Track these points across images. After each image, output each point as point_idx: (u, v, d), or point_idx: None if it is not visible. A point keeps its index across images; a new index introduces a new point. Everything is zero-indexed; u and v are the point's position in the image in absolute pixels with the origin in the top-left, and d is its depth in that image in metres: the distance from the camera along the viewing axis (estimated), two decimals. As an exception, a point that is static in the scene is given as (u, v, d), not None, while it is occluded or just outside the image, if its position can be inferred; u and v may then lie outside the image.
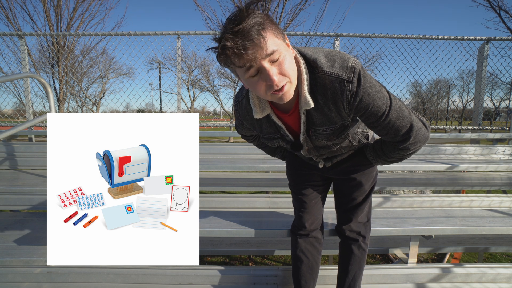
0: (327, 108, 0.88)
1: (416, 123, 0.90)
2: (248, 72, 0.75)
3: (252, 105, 0.94)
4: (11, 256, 1.55)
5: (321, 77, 0.82)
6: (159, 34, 3.08)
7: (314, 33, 3.29)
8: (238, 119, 1.09)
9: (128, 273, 1.53)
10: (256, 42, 0.69)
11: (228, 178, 2.51)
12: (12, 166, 2.86)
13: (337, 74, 0.81)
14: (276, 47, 0.73)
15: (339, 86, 0.81)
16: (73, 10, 9.02)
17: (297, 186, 1.34)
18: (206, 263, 2.95)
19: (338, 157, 1.19)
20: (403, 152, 0.98)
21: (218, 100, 15.81)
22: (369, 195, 1.27)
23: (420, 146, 0.96)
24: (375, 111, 0.85)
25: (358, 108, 0.85)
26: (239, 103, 1.03)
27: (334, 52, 0.84)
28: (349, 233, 1.31)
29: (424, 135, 0.93)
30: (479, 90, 3.21)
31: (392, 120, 0.87)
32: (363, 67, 0.82)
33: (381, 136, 0.98)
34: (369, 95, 0.82)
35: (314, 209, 1.33)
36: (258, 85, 0.77)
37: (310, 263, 1.34)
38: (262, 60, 0.72)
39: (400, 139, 0.93)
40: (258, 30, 0.69)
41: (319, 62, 0.82)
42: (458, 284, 1.52)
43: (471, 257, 3.15)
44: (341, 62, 0.81)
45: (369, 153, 1.15)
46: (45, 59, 9.19)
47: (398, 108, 0.87)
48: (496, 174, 2.57)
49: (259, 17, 0.70)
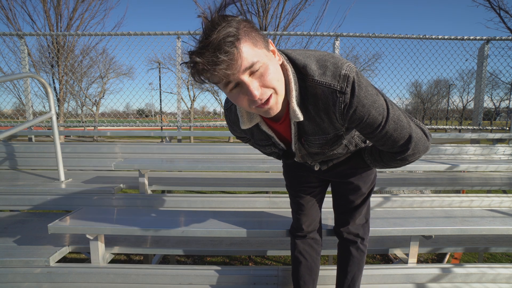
0: (319, 118, 0.81)
1: (415, 134, 0.84)
2: (227, 86, 0.68)
3: (239, 115, 0.87)
4: (11, 256, 1.56)
5: (312, 86, 0.75)
6: (159, 34, 3.08)
7: (314, 33, 3.29)
8: (229, 124, 1.04)
9: (128, 273, 1.53)
10: (229, 56, 0.61)
11: (228, 178, 2.51)
12: (12, 166, 2.86)
13: (329, 83, 0.73)
14: (255, 58, 0.65)
15: (331, 96, 0.74)
16: (73, 10, 9.03)
17: (293, 188, 1.31)
18: (206, 263, 2.94)
19: (334, 160, 1.14)
20: (401, 162, 0.94)
21: (218, 100, 15.78)
22: (367, 198, 1.24)
23: (419, 157, 0.91)
24: (371, 123, 0.78)
25: (352, 119, 0.78)
26: (228, 109, 0.96)
27: (327, 57, 0.76)
28: (347, 235, 1.29)
29: (424, 145, 0.88)
30: (479, 90, 3.21)
31: (389, 132, 0.81)
32: (359, 74, 0.74)
33: (378, 147, 0.92)
34: (364, 106, 0.75)
35: (311, 211, 1.30)
36: (240, 99, 0.71)
37: (309, 264, 1.33)
38: (239, 74, 0.65)
39: (397, 150, 0.87)
40: (231, 42, 0.61)
41: (309, 70, 0.74)
42: (458, 284, 1.52)
43: (471, 257, 3.15)
44: (334, 70, 0.73)
45: (367, 157, 1.10)
46: (45, 59, 9.20)
47: (396, 118, 0.80)
48: (496, 174, 2.57)
49: (232, 26, 0.62)
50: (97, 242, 1.58)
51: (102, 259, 1.62)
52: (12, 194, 2.18)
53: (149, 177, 2.48)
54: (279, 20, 9.03)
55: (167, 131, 3.12)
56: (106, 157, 2.87)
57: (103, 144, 2.94)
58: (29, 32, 3.15)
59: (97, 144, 2.94)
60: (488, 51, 3.13)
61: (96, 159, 2.88)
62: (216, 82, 0.67)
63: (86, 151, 2.89)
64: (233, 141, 14.84)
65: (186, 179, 2.51)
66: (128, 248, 1.76)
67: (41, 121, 2.40)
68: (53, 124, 2.37)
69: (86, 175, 2.64)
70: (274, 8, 8.65)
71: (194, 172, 2.77)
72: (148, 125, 3.38)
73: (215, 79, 0.65)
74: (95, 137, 14.24)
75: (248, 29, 0.66)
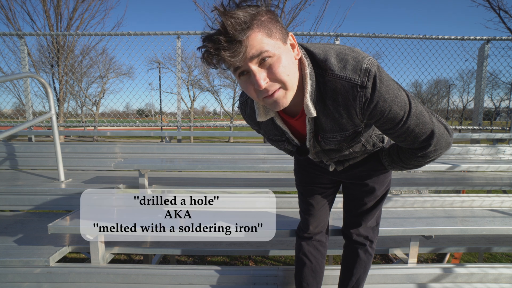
0: (337, 114, 0.79)
1: (438, 129, 0.81)
2: (236, 71, 0.69)
3: (255, 106, 0.86)
4: (11, 256, 1.55)
5: (331, 81, 0.73)
6: (159, 34, 3.08)
7: (314, 33, 3.30)
8: (244, 118, 1.02)
9: (128, 273, 1.53)
10: (236, 43, 0.62)
11: (228, 178, 2.51)
12: (12, 166, 2.86)
13: (349, 78, 0.71)
14: (267, 48, 0.65)
15: (351, 91, 0.72)
16: (73, 10, 9.03)
17: (304, 186, 1.27)
18: (206, 263, 2.94)
19: (350, 160, 1.10)
20: (421, 159, 0.90)
21: (218, 100, 15.82)
22: (381, 200, 1.19)
23: (441, 153, 0.87)
24: (392, 118, 0.76)
25: (372, 114, 0.76)
26: (244, 102, 0.95)
27: (347, 50, 0.74)
28: (357, 237, 1.25)
29: (446, 141, 0.84)
30: (479, 90, 3.21)
31: (410, 127, 0.78)
32: (380, 68, 0.72)
33: (398, 143, 0.89)
34: (385, 101, 0.72)
35: (320, 212, 1.26)
36: (248, 87, 0.71)
37: (313, 266, 1.30)
38: (248, 62, 0.66)
39: (418, 146, 0.84)
40: (242, 29, 0.62)
41: (329, 64, 0.73)
42: (458, 284, 1.52)
43: (471, 257, 3.15)
44: (354, 64, 0.71)
45: (385, 158, 1.06)
46: (45, 59, 9.20)
47: (418, 113, 0.77)
48: (497, 174, 2.57)
49: (248, 13, 0.63)
50: (97, 242, 1.58)
51: (102, 259, 1.62)
52: (12, 194, 2.18)
53: (149, 177, 2.48)
54: (279, 20, 9.03)
55: (167, 131, 3.11)
56: (106, 157, 2.87)
57: (103, 144, 2.93)
58: (29, 32, 3.16)
59: (97, 144, 2.94)
60: (488, 51, 3.13)
61: (96, 159, 2.87)
62: (226, 67, 0.69)
63: (86, 151, 2.89)
64: (233, 141, 14.85)
65: (186, 179, 2.51)
66: (128, 248, 1.76)
67: (41, 121, 2.40)
68: (53, 124, 2.37)
69: (86, 175, 2.64)
70: (274, 8, 8.65)
71: (194, 172, 2.77)
72: (148, 125, 3.38)
73: (224, 64, 0.67)
74: (95, 137, 14.24)
75: (267, 19, 0.66)
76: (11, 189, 2.18)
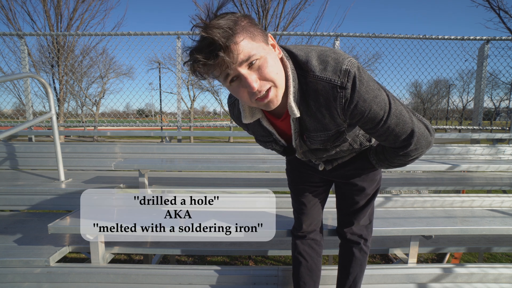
0: (320, 114, 0.81)
1: (418, 129, 0.83)
2: (227, 79, 0.71)
3: (241, 109, 0.88)
4: (11, 256, 1.55)
5: (313, 82, 0.75)
6: (159, 34, 3.08)
7: (314, 33, 3.29)
8: (233, 118, 1.04)
9: (128, 273, 1.53)
10: (226, 51, 0.64)
11: (228, 178, 2.51)
12: (12, 166, 2.86)
13: (329, 79, 0.73)
14: (254, 51, 0.67)
15: (331, 92, 0.74)
16: (73, 10, 9.05)
17: (295, 186, 1.29)
18: (206, 263, 2.94)
19: (338, 160, 1.13)
20: (404, 158, 0.93)
21: (218, 100, 15.76)
22: (372, 199, 1.22)
23: (422, 152, 0.90)
24: (372, 117, 0.78)
25: (353, 114, 0.78)
26: (232, 104, 0.97)
27: (328, 52, 0.76)
28: (351, 236, 1.27)
29: (427, 140, 0.87)
30: (479, 90, 3.21)
31: (391, 126, 0.81)
32: (360, 69, 0.74)
33: (380, 142, 0.93)
34: (365, 101, 0.75)
35: (312, 211, 1.29)
36: (241, 92, 0.73)
37: (309, 265, 1.32)
38: (238, 67, 0.67)
39: (399, 145, 0.87)
40: (229, 36, 0.64)
41: (310, 65, 0.75)
42: (458, 284, 1.52)
43: (471, 256, 3.15)
44: (335, 65, 0.73)
45: (372, 157, 1.08)
46: (45, 59, 9.21)
47: (398, 113, 0.80)
48: (497, 174, 2.57)
49: (229, 21, 0.65)
50: (97, 242, 1.58)
51: (102, 259, 1.62)
52: (12, 194, 2.18)
53: (149, 177, 2.48)
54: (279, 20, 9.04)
55: (167, 131, 3.12)
56: (106, 157, 2.87)
57: (103, 144, 2.93)
58: (29, 32, 3.15)
59: (97, 144, 2.94)
60: (488, 51, 3.13)
61: (96, 159, 2.87)
62: (216, 76, 0.70)
63: (86, 151, 2.89)
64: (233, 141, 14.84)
65: (186, 179, 2.51)
66: (128, 248, 1.76)
67: (41, 121, 2.40)
68: (53, 124, 2.37)
69: (86, 175, 2.64)
70: (274, 8, 8.66)
71: (194, 172, 2.77)
72: (148, 125, 3.38)
73: (215, 73, 0.69)
74: (95, 137, 14.23)
75: (246, 23, 0.68)
76: (11, 189, 2.18)
